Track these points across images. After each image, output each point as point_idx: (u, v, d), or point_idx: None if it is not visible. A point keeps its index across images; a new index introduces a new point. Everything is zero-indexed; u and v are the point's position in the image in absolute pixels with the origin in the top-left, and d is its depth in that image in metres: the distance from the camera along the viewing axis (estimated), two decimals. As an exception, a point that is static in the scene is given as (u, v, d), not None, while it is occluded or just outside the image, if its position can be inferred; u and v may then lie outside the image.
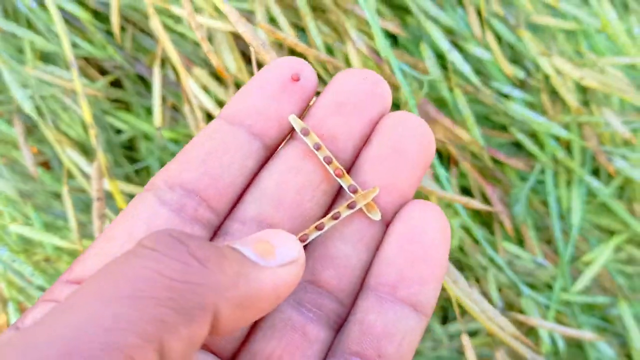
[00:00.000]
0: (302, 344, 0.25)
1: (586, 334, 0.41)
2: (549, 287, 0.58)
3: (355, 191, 0.27)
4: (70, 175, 0.49)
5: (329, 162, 0.27)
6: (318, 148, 0.27)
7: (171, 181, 0.26)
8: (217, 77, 0.49)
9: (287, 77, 0.27)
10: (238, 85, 0.50)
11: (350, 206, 0.26)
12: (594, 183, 0.50)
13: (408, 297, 0.26)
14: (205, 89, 0.46)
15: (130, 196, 0.49)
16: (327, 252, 0.27)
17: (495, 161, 0.53)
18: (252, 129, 0.27)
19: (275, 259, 0.22)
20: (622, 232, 0.52)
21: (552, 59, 0.45)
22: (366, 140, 0.28)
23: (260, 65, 0.47)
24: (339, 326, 0.26)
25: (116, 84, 0.55)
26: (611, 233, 0.55)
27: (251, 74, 0.49)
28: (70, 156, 0.43)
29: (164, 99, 0.51)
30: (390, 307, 0.25)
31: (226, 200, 0.26)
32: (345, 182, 0.27)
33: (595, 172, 0.54)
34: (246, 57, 0.52)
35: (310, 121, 0.28)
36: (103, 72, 0.53)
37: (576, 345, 0.59)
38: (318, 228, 0.26)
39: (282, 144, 0.28)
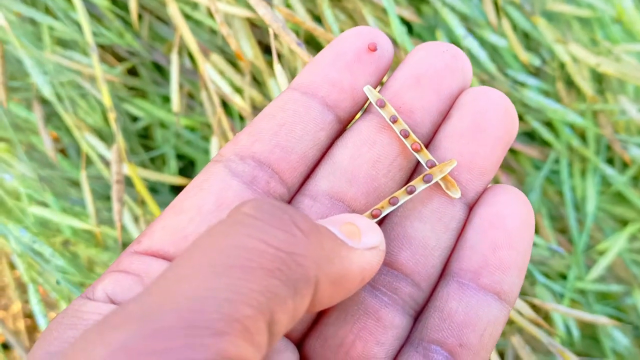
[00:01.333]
0: (376, 329, 0.24)
1: (601, 319, 0.41)
2: (563, 277, 0.58)
3: (433, 167, 0.25)
4: (88, 161, 0.49)
5: (406, 136, 0.25)
6: (394, 121, 0.25)
7: (242, 152, 0.25)
8: (234, 64, 0.50)
9: (363, 47, 0.26)
10: (254, 73, 0.50)
11: (425, 180, 0.25)
12: (609, 171, 0.49)
13: (491, 284, 0.24)
14: (222, 75, 0.46)
15: (147, 181, 0.50)
16: (404, 232, 0.25)
17: (510, 150, 0.53)
18: (326, 100, 0.26)
19: (361, 242, 0.21)
20: (636, 221, 0.52)
21: (568, 46, 0.45)
22: (445, 116, 0.26)
23: (278, 53, 0.47)
24: (417, 313, 0.25)
25: (132, 72, 0.55)
26: (625, 223, 0.55)
27: (268, 62, 0.49)
28: (89, 141, 0.44)
29: (180, 87, 0.51)
30: (472, 294, 0.24)
31: (298, 174, 0.26)
32: (423, 157, 0.25)
33: (610, 161, 0.54)
34: (262, 46, 0.53)
35: (386, 94, 0.26)
36: (120, 59, 0.53)
37: (590, 336, 0.58)
38: (392, 202, 0.25)
39: (357, 116, 0.27)
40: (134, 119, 0.55)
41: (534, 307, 0.47)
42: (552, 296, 0.51)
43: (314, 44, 0.52)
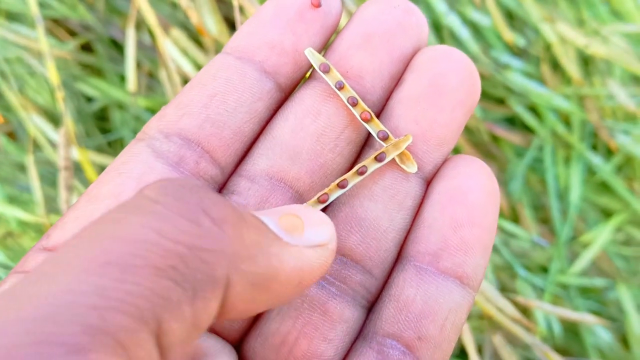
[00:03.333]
0: (323, 324, 0.22)
1: (587, 317, 0.39)
2: (544, 269, 0.56)
3: (385, 138, 0.22)
4: (37, 146, 0.45)
5: (354, 104, 0.22)
6: (340, 87, 0.22)
7: (167, 129, 0.22)
8: (197, 41, 0.46)
9: (306, 3, 0.23)
10: (218, 50, 0.46)
11: (378, 158, 0.22)
12: (594, 159, 0.47)
13: (452, 267, 0.22)
14: (184, 53, 0.42)
15: (102, 168, 0.46)
16: (353, 212, 0.23)
17: (491, 136, 0.51)
18: (264, 66, 0.23)
19: (303, 237, 0.18)
20: (621, 212, 0.50)
21: (556, 25, 0.42)
22: (398, 79, 0.23)
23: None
24: (370, 303, 0.23)
25: (87, 48, 0.51)
26: (609, 213, 0.53)
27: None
28: (36, 122, 0.40)
29: (139, 65, 0.48)
30: (432, 280, 0.22)
31: (232, 152, 0.23)
32: (374, 128, 0.23)
33: (594, 149, 0.51)
34: (228, 22, 0.49)
35: (331, 57, 0.23)
36: (73, 35, 0.49)
37: (572, 330, 0.56)
38: (340, 186, 0.22)
39: (299, 84, 0.24)
40: (90, 99, 0.51)
41: (515, 303, 0.45)
42: (533, 290, 0.49)
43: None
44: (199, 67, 0.44)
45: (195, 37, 0.48)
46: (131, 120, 0.50)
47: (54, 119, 0.47)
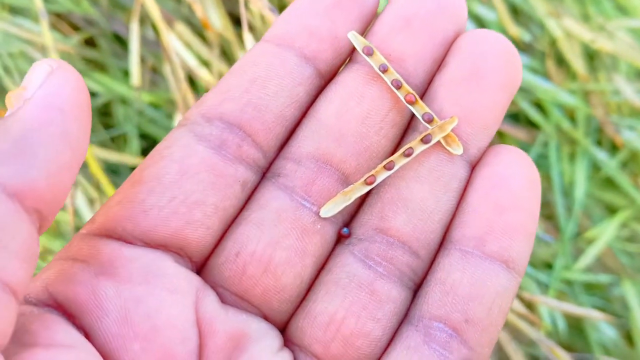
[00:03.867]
0: (370, 303, 0.22)
1: (592, 313, 0.39)
2: (548, 266, 0.56)
3: (430, 120, 0.23)
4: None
5: (398, 87, 0.22)
6: (384, 70, 0.23)
7: (209, 114, 0.22)
8: (201, 36, 0.46)
9: None
10: (223, 46, 0.46)
11: (424, 140, 0.22)
12: (600, 155, 0.47)
13: (498, 251, 0.22)
14: (188, 48, 0.42)
15: (106, 163, 0.46)
16: (399, 193, 0.23)
17: (496, 132, 0.50)
18: (304, 52, 0.23)
19: (27, 93, 0.17)
20: (627, 208, 0.50)
21: (562, 20, 0.42)
22: (440, 63, 0.24)
23: (249, 24, 0.43)
24: (417, 285, 0.23)
25: (90, 43, 0.51)
26: (614, 209, 0.53)
27: (238, 34, 0.46)
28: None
29: (142, 60, 0.47)
30: (478, 263, 0.22)
31: (274, 136, 0.23)
32: (419, 110, 0.23)
33: (599, 145, 0.51)
34: (233, 17, 0.49)
35: (372, 41, 0.23)
36: (76, 29, 0.49)
37: (576, 327, 0.56)
38: (387, 167, 0.22)
39: (341, 68, 0.24)
40: (93, 94, 0.51)
41: (520, 299, 0.45)
42: (537, 286, 0.49)
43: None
44: (203, 61, 0.44)
45: (199, 31, 0.47)
46: (134, 116, 0.50)
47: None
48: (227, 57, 0.47)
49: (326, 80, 0.24)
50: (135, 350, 0.18)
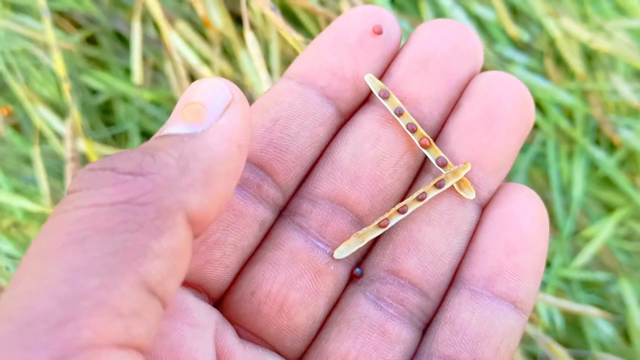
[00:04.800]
0: (381, 344, 0.22)
1: (590, 310, 0.39)
2: (546, 264, 0.56)
3: (444, 165, 0.23)
4: (42, 137, 0.46)
5: (413, 130, 0.23)
6: (400, 114, 0.23)
7: None
8: (202, 35, 0.46)
9: (368, 30, 0.23)
10: (224, 44, 0.46)
11: (438, 185, 0.23)
12: (598, 154, 0.47)
13: (507, 292, 0.22)
14: (189, 46, 0.43)
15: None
16: (411, 236, 0.23)
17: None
18: (326, 91, 0.23)
19: (210, 115, 0.18)
20: (624, 206, 0.50)
21: (560, 20, 0.42)
22: (454, 105, 0.24)
23: (251, 23, 0.44)
24: (426, 325, 0.23)
25: (92, 41, 0.51)
26: (611, 208, 0.53)
27: (239, 33, 0.46)
28: (42, 114, 0.40)
29: (144, 58, 0.48)
30: (487, 303, 0.22)
31: (294, 175, 0.23)
32: (433, 154, 0.23)
33: (596, 144, 0.52)
34: (233, 16, 0.49)
35: (389, 82, 0.24)
36: (78, 27, 0.49)
37: (573, 324, 0.57)
38: (400, 211, 0.23)
39: (359, 109, 0.24)
40: (94, 92, 0.51)
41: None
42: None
43: (289, 16, 0.49)
44: (204, 59, 0.44)
45: (200, 30, 0.48)
46: (135, 113, 0.50)
47: (59, 112, 0.47)
48: (228, 55, 0.48)
49: (346, 118, 0.24)
50: None
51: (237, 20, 0.50)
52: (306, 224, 0.23)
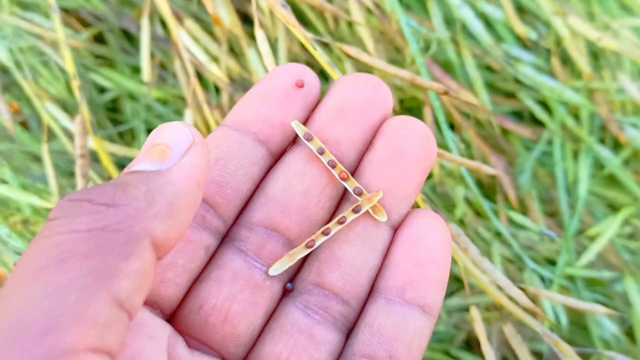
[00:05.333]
0: (309, 345, 0.25)
1: (596, 307, 0.39)
2: (550, 262, 0.56)
3: (360, 193, 0.27)
4: (50, 134, 0.46)
5: (333, 166, 0.27)
6: (322, 152, 0.27)
7: None
8: (209, 32, 0.46)
9: (291, 84, 0.28)
10: (231, 42, 0.47)
11: (355, 210, 0.27)
12: (603, 152, 0.47)
13: (416, 299, 0.26)
14: (197, 43, 0.43)
15: (115, 157, 0.46)
16: (333, 254, 0.27)
17: (501, 130, 0.51)
18: (258, 136, 0.27)
19: (174, 155, 0.21)
20: (629, 205, 0.50)
21: (568, 19, 0.42)
22: (369, 144, 0.28)
23: (261, 23, 0.44)
24: (348, 330, 0.27)
25: (99, 39, 0.51)
26: (616, 207, 0.53)
27: (246, 31, 0.46)
28: (51, 111, 0.40)
29: (151, 56, 0.48)
30: (399, 309, 0.26)
31: (233, 207, 0.27)
32: (350, 185, 0.27)
33: (601, 143, 0.52)
34: (240, 14, 0.49)
35: (313, 126, 0.28)
36: (85, 25, 0.49)
37: (577, 323, 0.57)
38: (324, 233, 0.27)
39: (287, 150, 0.28)
40: (101, 90, 0.51)
41: (524, 293, 0.45)
42: (541, 282, 0.50)
43: (296, 14, 0.49)
44: (212, 57, 0.44)
45: (207, 28, 0.48)
46: (142, 111, 0.50)
47: (67, 109, 0.47)
48: (235, 53, 0.48)
49: (276, 158, 0.28)
50: None
51: (243, 17, 0.50)
52: (245, 247, 0.26)
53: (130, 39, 0.51)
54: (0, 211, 0.38)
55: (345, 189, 0.28)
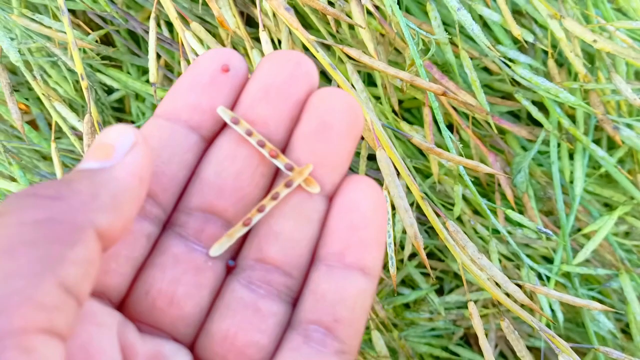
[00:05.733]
0: (255, 319, 0.26)
1: (592, 304, 0.40)
2: (547, 260, 0.57)
3: (291, 169, 0.27)
4: (58, 134, 0.47)
5: (263, 145, 0.27)
6: (250, 134, 0.27)
7: None
8: (213, 34, 0.47)
9: (217, 69, 0.28)
10: (235, 44, 0.48)
11: (287, 185, 0.27)
12: (599, 152, 0.48)
13: (356, 262, 0.26)
14: (202, 45, 0.44)
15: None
16: (271, 229, 0.27)
17: (498, 130, 0.52)
18: (189, 123, 0.27)
19: (117, 154, 0.22)
20: (624, 204, 0.51)
21: (564, 22, 0.43)
22: (297, 119, 0.28)
23: (264, 25, 0.45)
24: (294, 300, 0.27)
25: (105, 41, 0.52)
26: (611, 207, 0.54)
27: (249, 33, 0.47)
28: (60, 110, 0.41)
29: (157, 57, 0.49)
30: (340, 273, 0.26)
31: (171, 194, 0.27)
32: (281, 162, 0.27)
33: (597, 143, 0.53)
34: (243, 17, 0.50)
35: (240, 109, 0.28)
36: (92, 27, 0.50)
37: (573, 320, 0.58)
38: (260, 210, 0.27)
39: (219, 134, 0.29)
40: (107, 90, 0.52)
41: (522, 289, 0.46)
42: (537, 279, 0.51)
43: (298, 16, 0.50)
44: (217, 59, 0.45)
45: (210, 30, 0.49)
46: (148, 111, 0.51)
47: (74, 110, 0.48)
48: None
49: (209, 142, 0.28)
50: None
51: (247, 21, 0.51)
52: (185, 232, 0.27)
53: (137, 40, 0.52)
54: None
55: (278, 167, 0.28)
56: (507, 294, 0.43)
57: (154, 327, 0.26)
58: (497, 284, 0.39)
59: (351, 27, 0.49)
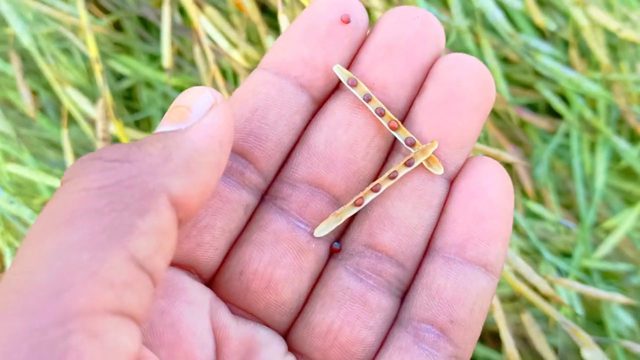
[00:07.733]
0: (363, 313, 0.24)
1: (616, 297, 0.39)
2: (566, 255, 0.56)
3: (412, 144, 0.24)
4: (69, 121, 0.46)
5: (382, 114, 0.24)
6: (368, 99, 0.24)
7: None
8: (227, 19, 0.46)
9: (336, 19, 0.25)
10: (249, 29, 0.47)
11: (408, 164, 0.24)
12: (621, 144, 0.47)
13: (477, 256, 0.24)
14: (218, 30, 0.43)
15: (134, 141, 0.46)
16: (385, 212, 0.25)
17: (518, 121, 0.51)
18: (299, 81, 0.24)
19: (193, 116, 0.20)
20: (645, 197, 0.50)
21: (588, 9, 0.42)
22: (420, 87, 0.25)
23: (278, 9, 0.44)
24: (403, 293, 0.25)
25: (116, 27, 0.51)
26: (632, 201, 0.53)
27: (264, 19, 0.46)
28: (72, 96, 0.40)
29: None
30: (459, 268, 0.24)
31: (274, 162, 0.24)
32: (402, 135, 0.24)
33: (619, 135, 0.52)
34: (258, 3, 0.49)
35: (357, 68, 0.25)
36: (104, 12, 0.50)
37: (593, 316, 0.57)
38: (374, 190, 0.24)
39: (331, 96, 0.26)
40: (118, 78, 0.52)
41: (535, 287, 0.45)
42: (557, 273, 0.50)
43: None
44: (232, 44, 0.44)
45: (224, 15, 0.48)
46: (159, 99, 0.50)
47: (86, 95, 0.47)
48: (252, 40, 0.48)
49: (319, 105, 0.25)
50: (162, 357, 0.20)
51: (260, 5, 0.50)
52: (287, 206, 0.24)
53: (148, 26, 0.51)
54: (21, 194, 0.38)
55: (395, 139, 0.25)
56: (529, 285, 0.42)
57: (245, 311, 0.24)
58: (518, 275, 0.38)
59: (370, 11, 0.48)
